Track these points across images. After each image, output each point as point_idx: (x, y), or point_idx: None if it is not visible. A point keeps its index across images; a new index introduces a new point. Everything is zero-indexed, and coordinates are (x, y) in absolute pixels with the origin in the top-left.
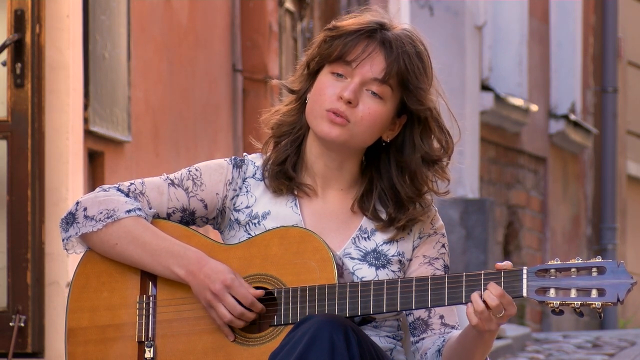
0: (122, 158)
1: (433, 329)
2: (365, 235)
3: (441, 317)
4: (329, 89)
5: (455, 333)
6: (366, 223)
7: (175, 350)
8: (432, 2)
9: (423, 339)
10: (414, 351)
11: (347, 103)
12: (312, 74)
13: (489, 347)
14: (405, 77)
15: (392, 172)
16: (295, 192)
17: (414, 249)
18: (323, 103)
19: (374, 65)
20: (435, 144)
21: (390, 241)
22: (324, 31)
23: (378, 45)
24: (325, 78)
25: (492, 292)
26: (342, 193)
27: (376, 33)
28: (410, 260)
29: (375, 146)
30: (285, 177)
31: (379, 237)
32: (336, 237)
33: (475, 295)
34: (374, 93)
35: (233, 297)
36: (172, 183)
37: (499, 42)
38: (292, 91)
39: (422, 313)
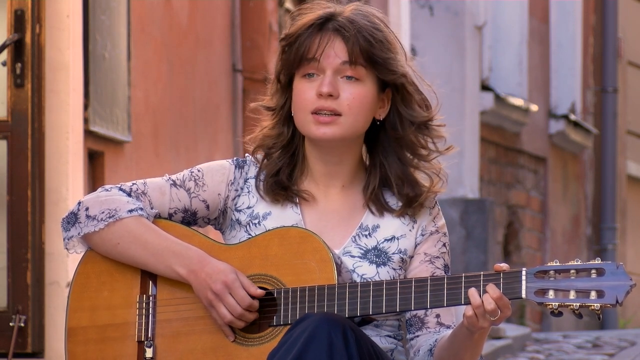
0: (122, 158)
1: (428, 327)
2: (366, 233)
3: (437, 315)
4: (306, 92)
5: (448, 332)
6: (367, 220)
7: (175, 350)
8: (432, 2)
9: (418, 336)
10: (409, 348)
11: (329, 97)
12: (285, 87)
13: (479, 349)
14: (370, 52)
15: (394, 147)
16: (296, 200)
17: (416, 246)
18: (306, 107)
19: (337, 51)
20: (418, 107)
21: (391, 238)
22: (279, 43)
23: (333, 33)
24: (299, 84)
25: (490, 295)
26: (344, 190)
27: (327, 23)
28: (412, 257)
29: (373, 129)
30: (281, 187)
31: (380, 235)
32: (337, 235)
33: (472, 290)
34: (349, 78)
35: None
36: (174, 184)
37: (499, 42)
38: (270, 109)
39: (419, 310)
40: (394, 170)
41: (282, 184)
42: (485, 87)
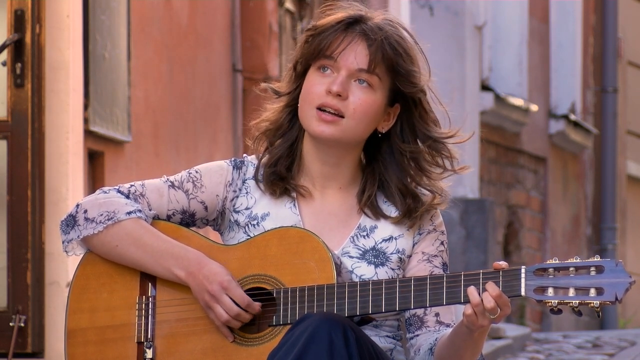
0: (122, 158)
1: (428, 326)
2: (364, 234)
3: (436, 314)
4: (316, 86)
5: (448, 331)
6: (365, 221)
7: (174, 351)
8: (432, 2)
9: (417, 335)
10: (409, 347)
11: (337, 96)
12: (299, 76)
13: (479, 347)
14: (394, 62)
15: (398, 162)
16: (293, 194)
17: (414, 245)
18: (312, 101)
19: (357, 55)
20: (433, 125)
21: (389, 239)
22: (305, 32)
23: (358, 35)
24: (312, 76)
25: (490, 293)
26: (341, 192)
27: (355, 25)
28: (410, 256)
29: (374, 139)
30: (279, 178)
31: (378, 235)
32: (335, 235)
33: (472, 288)
34: (362, 83)
35: (231, 298)
36: (172, 185)
37: (499, 42)
38: (278, 93)
39: (418, 310)
40: (394, 181)
41: (280, 175)
42: (485, 87)
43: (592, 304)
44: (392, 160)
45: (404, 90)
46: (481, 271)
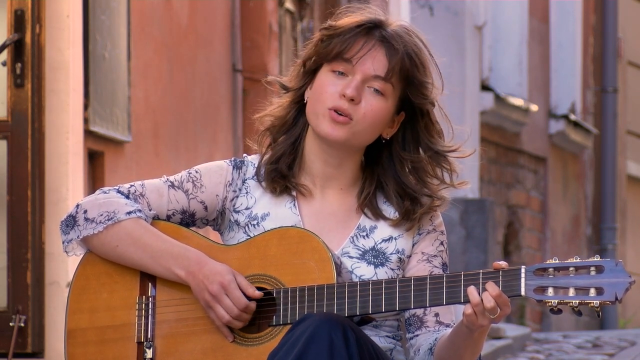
0: (122, 158)
1: (427, 326)
2: (364, 234)
3: (436, 314)
4: (330, 87)
5: (448, 331)
6: (364, 221)
7: (174, 351)
8: (432, 2)
9: (417, 335)
10: (409, 347)
11: (350, 100)
12: (308, 73)
13: (479, 347)
14: (411, 73)
15: (397, 168)
16: (294, 193)
17: (413, 246)
18: (325, 101)
19: (375, 62)
20: (437, 137)
21: (389, 239)
22: (320, 30)
23: (378, 42)
24: (325, 76)
25: (490, 293)
26: (341, 192)
27: (374, 30)
28: (410, 256)
29: (375, 144)
30: (280, 175)
31: (378, 235)
32: (335, 236)
33: (471, 288)
34: (375, 90)
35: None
36: (172, 185)
37: (499, 42)
38: (286, 88)
39: (417, 310)
40: (392, 185)
41: (281, 172)
42: (485, 87)
43: (592, 304)
44: (391, 166)
45: (413, 100)
46: (481, 271)
